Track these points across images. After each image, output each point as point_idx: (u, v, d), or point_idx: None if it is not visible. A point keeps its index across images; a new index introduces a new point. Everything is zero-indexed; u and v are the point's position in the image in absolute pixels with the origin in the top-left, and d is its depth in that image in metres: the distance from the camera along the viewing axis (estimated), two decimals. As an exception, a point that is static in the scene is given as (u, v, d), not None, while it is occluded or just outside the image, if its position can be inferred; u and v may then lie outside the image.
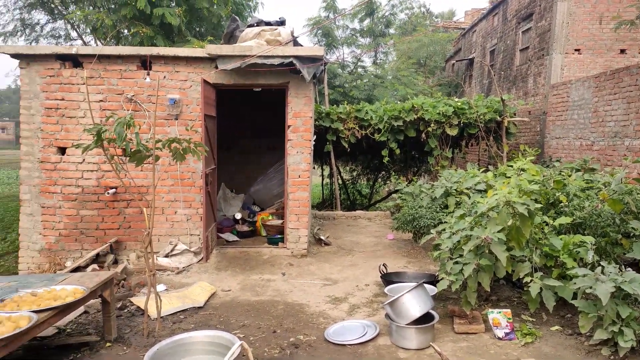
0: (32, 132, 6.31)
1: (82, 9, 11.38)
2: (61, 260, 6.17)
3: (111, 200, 6.30)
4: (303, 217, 6.57)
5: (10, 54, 6.24)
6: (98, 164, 6.30)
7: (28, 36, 12.74)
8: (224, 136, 8.27)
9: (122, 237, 6.31)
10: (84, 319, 4.31)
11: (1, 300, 3.22)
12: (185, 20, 10.87)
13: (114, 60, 6.30)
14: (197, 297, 4.77)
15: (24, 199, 6.31)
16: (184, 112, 6.37)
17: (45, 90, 6.28)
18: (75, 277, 3.85)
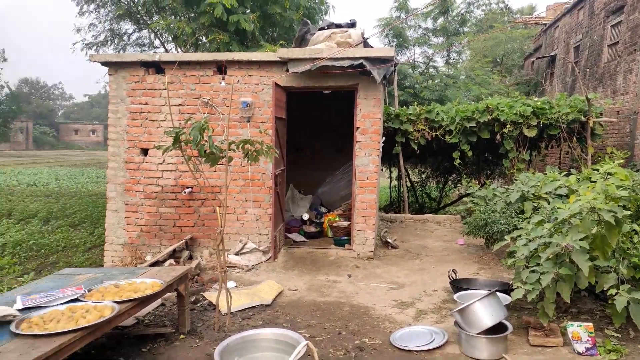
0: (118, 134, 6.79)
1: (164, 19, 12.08)
2: (141, 255, 6.58)
3: (187, 199, 6.63)
4: (370, 220, 6.53)
5: (101, 62, 6.78)
6: (176, 164, 6.66)
7: (117, 45, 13.72)
8: (293, 138, 8.42)
9: (197, 235, 6.62)
10: (160, 311, 4.56)
11: (88, 290, 3.49)
12: (259, 25, 11.20)
13: (193, 66, 6.63)
14: (265, 295, 4.89)
15: (110, 197, 6.81)
16: (255, 115, 6.56)
17: (130, 95, 6.73)
18: (153, 271, 4.09)
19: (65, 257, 8.22)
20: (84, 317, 2.94)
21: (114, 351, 3.70)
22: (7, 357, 2.42)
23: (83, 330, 2.80)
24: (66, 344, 2.66)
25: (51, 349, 2.55)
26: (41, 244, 8.92)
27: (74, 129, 67.02)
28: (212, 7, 10.05)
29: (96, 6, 13.12)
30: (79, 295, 3.38)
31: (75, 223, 11.04)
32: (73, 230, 10.36)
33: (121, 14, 12.68)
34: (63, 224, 10.75)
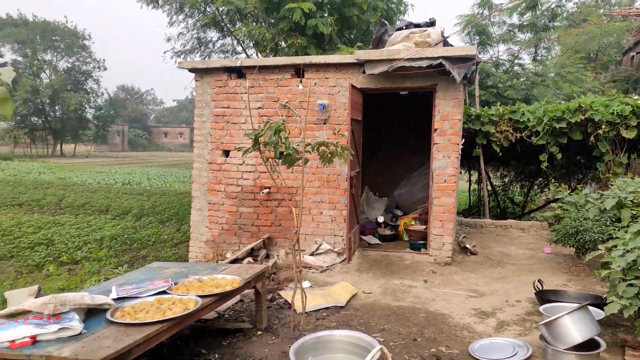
0: (203, 136, 7.17)
1: (246, 26, 12.58)
2: (222, 252, 6.89)
3: (265, 199, 6.83)
4: (448, 224, 6.32)
5: (188, 69, 7.19)
6: (255, 165, 6.89)
7: (203, 53, 14.51)
8: (368, 139, 8.38)
9: (274, 234, 6.80)
10: (239, 306, 4.74)
11: (175, 284, 3.71)
12: (336, 28, 11.30)
13: (272, 70, 6.82)
14: (339, 296, 4.90)
15: (194, 196, 7.20)
16: (332, 117, 6.61)
17: (214, 100, 7.08)
18: (233, 268, 4.26)
19: (154, 251, 8.81)
20: (170, 309, 3.13)
21: (197, 343, 3.89)
22: (103, 343, 2.64)
23: (169, 322, 2.98)
24: (154, 334, 2.85)
25: (141, 337, 2.74)
26: (134, 239, 9.63)
27: (163, 132, 71.81)
28: (291, 12, 10.30)
29: (184, 16, 13.97)
30: (166, 288, 3.60)
31: (164, 220, 11.80)
32: (162, 227, 11.08)
33: (207, 22, 13.38)
34: (153, 221, 11.53)
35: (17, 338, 2.64)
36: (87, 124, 48.79)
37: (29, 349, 2.57)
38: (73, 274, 7.31)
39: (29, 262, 7.77)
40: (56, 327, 2.75)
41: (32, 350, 2.54)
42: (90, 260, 7.90)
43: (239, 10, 12.53)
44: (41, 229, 10.12)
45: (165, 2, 13.51)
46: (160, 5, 13.43)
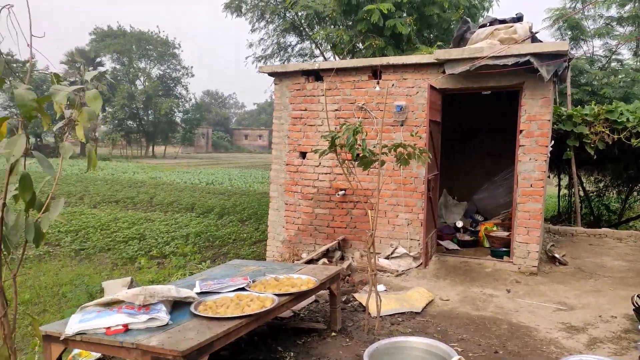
0: (281, 138, 7.35)
1: (324, 29, 12.74)
2: (298, 252, 7.01)
3: (340, 201, 6.85)
4: (533, 231, 5.95)
5: (268, 73, 7.42)
6: (331, 167, 6.94)
7: (282, 57, 14.92)
8: (447, 140, 8.12)
9: (349, 236, 6.81)
10: (314, 307, 4.80)
11: (253, 281, 3.83)
12: (415, 28, 11.10)
13: (349, 72, 6.84)
14: (414, 302, 4.79)
15: (272, 196, 7.40)
16: (409, 118, 6.49)
17: (292, 102, 7.23)
18: (309, 269, 4.32)
19: (235, 249, 9.18)
20: (248, 305, 3.24)
21: (274, 340, 3.99)
22: (187, 334, 2.78)
23: (248, 318, 3.08)
24: (234, 328, 2.96)
25: (222, 331, 2.86)
26: (216, 236, 10.11)
27: (244, 134, 74.74)
28: (370, 14, 10.27)
29: (265, 23, 14.44)
30: (245, 285, 3.72)
31: (244, 219, 12.27)
32: (241, 225, 11.53)
33: (286, 28, 13.73)
34: (234, 219, 12.04)
35: (112, 325, 2.87)
36: (176, 127, 52.13)
37: (121, 336, 2.78)
38: (162, 267, 7.83)
39: (123, 255, 8.43)
40: (145, 317, 2.95)
41: (124, 338, 2.75)
42: (177, 255, 8.41)
43: (317, 14, 12.72)
44: (134, 224, 10.95)
45: (248, 10, 14.06)
46: (243, 14, 14.00)
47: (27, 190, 2.13)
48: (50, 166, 2.20)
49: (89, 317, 2.95)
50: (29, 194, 2.14)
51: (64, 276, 7.15)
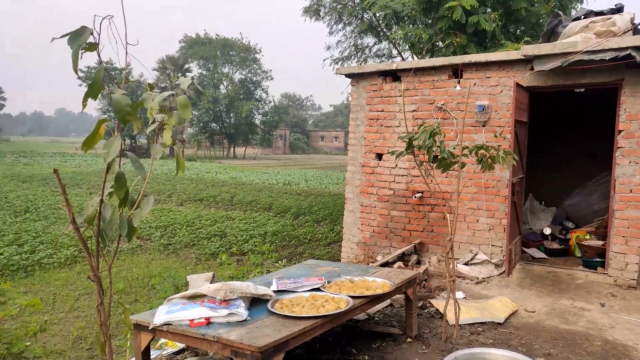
0: (357, 140, 7.33)
1: (403, 29, 12.55)
2: (373, 254, 6.95)
3: (417, 203, 6.69)
4: (633, 241, 5.41)
5: (345, 74, 7.44)
6: (407, 169, 6.80)
7: (359, 58, 14.93)
8: (534, 141, 7.63)
9: (425, 240, 6.63)
10: (389, 311, 4.71)
11: (328, 282, 3.84)
12: (500, 24, 10.59)
13: (428, 71, 6.67)
14: (496, 311, 4.54)
15: (347, 198, 7.40)
16: (492, 119, 6.19)
17: (369, 103, 7.19)
18: (384, 272, 4.25)
19: (310, 249, 9.31)
20: (323, 306, 3.25)
21: (348, 342, 3.97)
22: (264, 331, 2.85)
23: (323, 318, 3.09)
24: (309, 328, 2.98)
25: (297, 330, 2.89)
26: (292, 236, 10.32)
27: (320, 136, 75.75)
28: (451, 11, 9.95)
29: (343, 25, 14.53)
30: (320, 286, 3.75)
31: (319, 219, 12.41)
32: (317, 226, 11.67)
33: (364, 29, 13.71)
34: (309, 220, 12.22)
35: (195, 318, 3.01)
36: (256, 129, 54.07)
37: (204, 329, 2.91)
38: (241, 264, 8.13)
39: (206, 250, 8.87)
40: (226, 312, 3.06)
41: (206, 331, 2.87)
42: (255, 253, 8.69)
43: (395, 14, 12.56)
44: (216, 222, 11.49)
45: (326, 13, 14.23)
46: (321, 17, 14.19)
47: (122, 188, 2.29)
48: (141, 166, 2.36)
49: (174, 309, 3.12)
50: (123, 192, 2.31)
51: (154, 269, 7.66)
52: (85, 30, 2.05)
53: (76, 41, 2.03)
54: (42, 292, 6.42)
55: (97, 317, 5.05)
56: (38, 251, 8.39)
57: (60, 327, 5.38)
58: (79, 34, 2.04)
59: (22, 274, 7.23)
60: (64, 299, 6.26)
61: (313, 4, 14.29)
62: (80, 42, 2.04)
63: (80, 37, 2.04)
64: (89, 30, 2.05)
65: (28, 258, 7.92)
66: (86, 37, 2.05)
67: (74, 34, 2.04)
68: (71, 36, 2.02)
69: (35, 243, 8.91)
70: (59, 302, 6.12)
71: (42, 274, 7.35)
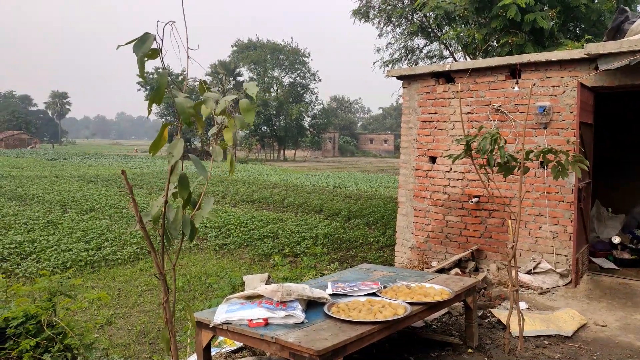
0: (409, 142, 7.21)
1: (454, 29, 12.26)
2: (428, 260, 6.79)
3: (474, 208, 6.48)
4: None
5: (396, 76, 7.34)
6: (463, 173, 6.61)
7: (409, 60, 14.73)
8: (600, 143, 7.21)
9: (483, 246, 6.40)
10: (447, 319, 4.58)
11: (384, 287, 3.78)
12: (558, 22, 10.12)
13: (483, 72, 6.45)
14: (563, 324, 4.30)
15: (400, 201, 7.29)
16: (554, 121, 5.90)
17: (421, 106, 7.05)
18: (441, 278, 4.14)
19: (361, 253, 9.25)
20: (380, 311, 3.19)
21: (405, 349, 3.89)
22: (322, 335, 2.83)
23: (381, 324, 3.04)
24: (367, 334, 2.94)
25: (355, 335, 2.86)
26: (343, 239, 10.29)
27: (369, 139, 75.36)
28: (505, 9, 9.61)
29: (393, 27, 14.38)
30: (375, 290, 3.69)
31: (370, 223, 12.31)
32: (368, 229, 11.58)
33: (414, 30, 13.51)
34: (360, 223, 12.15)
35: (253, 318, 3.04)
36: (305, 132, 54.58)
37: (262, 329, 2.93)
38: (294, 265, 8.19)
39: (259, 251, 9.01)
40: (283, 314, 3.07)
41: (265, 331, 2.89)
42: (308, 255, 8.73)
43: (447, 14, 12.29)
44: (269, 223, 11.66)
45: (375, 15, 14.14)
46: (371, 19, 14.11)
47: (185, 189, 2.35)
48: (203, 167, 2.41)
49: (233, 308, 3.17)
50: (186, 192, 2.36)
51: (210, 268, 7.87)
52: (149, 37, 2.10)
53: (141, 48, 2.09)
54: (107, 287, 6.75)
55: (161, 313, 5.20)
56: (103, 248, 8.84)
57: (125, 321, 5.62)
58: (143, 40, 2.10)
59: (90, 270, 7.64)
60: (127, 294, 6.54)
61: (362, 5, 14.24)
62: (145, 49, 2.09)
63: (144, 44, 2.10)
64: (152, 36, 2.10)
65: (94, 254, 8.36)
66: (150, 43, 2.10)
67: (138, 41, 2.09)
68: (136, 43, 2.07)
69: (100, 240, 9.40)
70: (123, 297, 6.41)
71: (107, 269, 7.72)
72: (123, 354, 4.70)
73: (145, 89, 51.25)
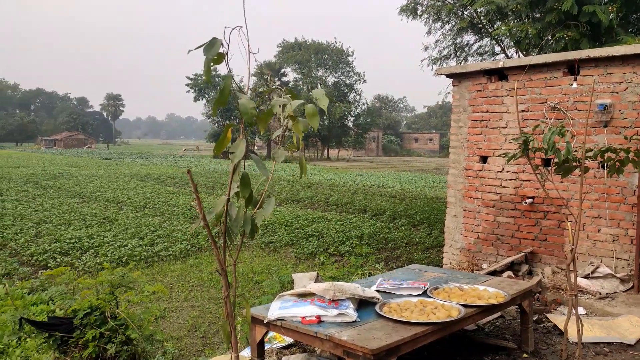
0: (459, 142, 7.07)
1: (507, 24, 11.91)
2: (478, 262, 6.65)
3: (528, 210, 6.28)
4: None
5: (446, 75, 7.22)
6: (516, 173, 6.42)
7: (458, 57, 14.42)
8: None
9: (537, 249, 6.19)
10: (500, 323, 4.47)
11: (435, 288, 3.74)
12: (620, 14, 9.63)
13: (539, 69, 6.24)
14: (625, 331, 4.11)
15: (449, 202, 7.16)
16: (615, 118, 5.63)
17: (472, 104, 6.90)
18: (495, 281, 4.04)
19: (407, 253, 9.16)
20: (433, 312, 3.17)
21: (456, 352, 3.83)
22: (375, 334, 2.84)
23: (434, 326, 3.01)
24: (420, 334, 2.92)
25: (408, 336, 2.85)
26: (389, 239, 10.23)
27: (414, 138, 74.34)
28: (561, 2, 9.25)
29: (441, 23, 14.13)
30: (422, 291, 3.66)
31: (415, 223, 12.17)
32: (413, 230, 11.45)
33: (464, 26, 13.22)
34: (405, 223, 12.02)
35: (306, 315, 3.09)
36: (348, 131, 54.54)
37: (315, 327, 2.98)
38: (340, 264, 8.23)
39: (304, 250, 9.10)
40: (336, 312, 3.10)
41: (318, 329, 2.93)
42: (353, 255, 8.74)
43: (499, 9, 11.95)
44: (313, 222, 11.75)
45: (423, 12, 13.93)
46: (419, 16, 13.91)
47: (246, 188, 2.43)
48: (264, 167, 2.48)
49: (286, 305, 3.24)
50: (247, 191, 2.44)
51: (256, 265, 8.03)
52: (217, 42, 2.19)
53: (210, 52, 2.19)
54: (160, 281, 7.02)
55: (211, 308, 5.37)
56: (156, 244, 9.20)
57: (177, 315, 5.84)
58: (211, 45, 2.19)
59: (144, 265, 7.97)
60: (179, 289, 6.79)
61: (410, 2, 14.06)
62: (213, 53, 2.19)
63: (212, 48, 2.19)
64: (219, 41, 2.19)
65: (148, 250, 8.72)
66: (217, 48, 2.19)
67: (207, 45, 2.19)
68: (205, 47, 2.18)
69: (153, 237, 9.78)
70: (175, 291, 6.65)
71: (160, 265, 8.03)
72: (176, 347, 4.89)
73: (194, 91, 52.78)
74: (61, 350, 3.77)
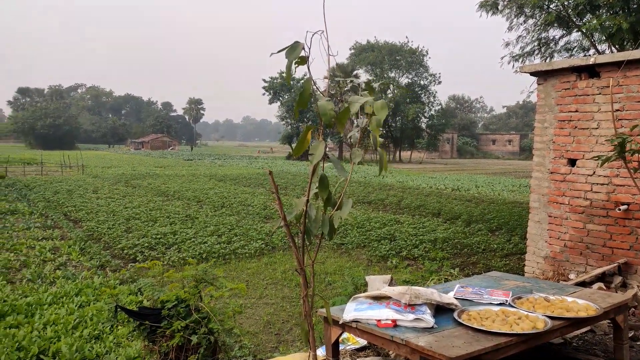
0: (544, 144, 6.67)
1: (598, 17, 11.07)
2: (564, 271, 6.23)
3: (622, 217, 5.79)
4: None
5: (530, 73, 6.83)
6: (609, 177, 5.94)
7: (543, 54, 13.62)
8: None
9: (633, 260, 5.68)
10: (590, 337, 4.16)
11: (518, 298, 3.55)
12: None
13: (636, 65, 5.73)
14: None
15: (533, 207, 6.77)
16: None
17: (559, 104, 6.48)
18: (585, 292, 3.77)
19: (484, 260, 8.78)
20: (517, 323, 3.01)
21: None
22: (454, 342, 2.75)
23: (518, 337, 2.86)
24: (503, 345, 2.79)
25: (490, 346, 2.73)
26: (464, 244, 9.87)
27: (491, 139, 71.23)
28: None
29: (524, 18, 13.42)
30: (508, 300, 3.49)
31: (493, 228, 11.64)
32: (491, 235, 10.96)
33: (550, 20, 12.46)
34: (482, 228, 11.54)
35: (382, 318, 3.06)
36: (421, 133, 53.44)
37: (391, 330, 2.94)
38: (413, 268, 8.07)
39: (376, 252, 9.02)
40: (412, 317, 3.05)
41: (394, 333, 2.90)
42: (427, 259, 8.54)
43: (590, 1, 11.14)
44: (385, 225, 11.62)
45: (505, 6, 13.31)
46: (500, 11, 13.31)
47: (325, 189, 2.46)
48: (342, 168, 2.49)
49: (362, 307, 3.23)
50: (326, 193, 2.47)
51: (329, 266, 8.09)
52: (298, 45, 2.25)
53: (292, 54, 2.25)
54: (237, 278, 7.30)
55: (285, 307, 5.50)
56: (233, 242, 9.57)
57: (253, 311, 6.03)
58: (293, 48, 2.25)
59: (222, 261, 8.33)
60: (254, 286, 7.01)
61: (491, -3, 13.48)
62: (295, 56, 2.25)
63: (294, 52, 2.25)
64: (301, 45, 2.24)
65: (226, 247, 9.09)
66: (299, 51, 2.25)
67: (289, 48, 2.25)
68: (288, 50, 2.24)
69: (230, 235, 10.19)
70: (251, 288, 6.87)
71: (237, 262, 8.35)
72: (252, 342, 5.04)
73: (269, 93, 54.34)
74: (150, 339, 4.03)
